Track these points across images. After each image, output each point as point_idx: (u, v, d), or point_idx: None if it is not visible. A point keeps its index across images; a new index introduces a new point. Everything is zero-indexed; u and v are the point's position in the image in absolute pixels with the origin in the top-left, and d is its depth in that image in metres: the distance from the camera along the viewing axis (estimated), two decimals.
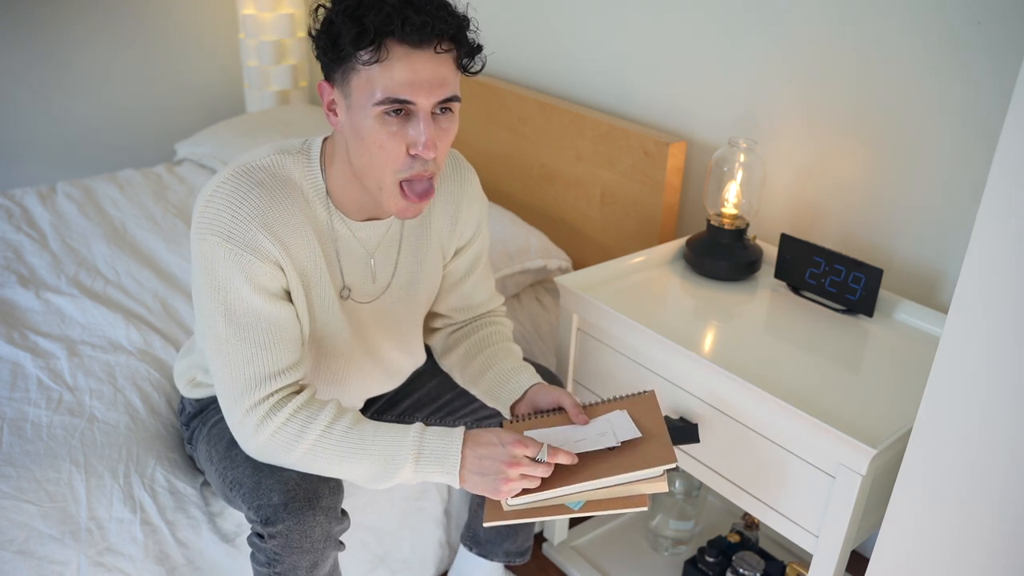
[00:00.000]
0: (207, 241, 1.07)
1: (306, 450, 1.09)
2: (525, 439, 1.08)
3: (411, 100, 1.02)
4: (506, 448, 1.07)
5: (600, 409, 1.21)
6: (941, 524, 0.98)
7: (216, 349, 1.11)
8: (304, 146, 1.16)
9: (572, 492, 1.08)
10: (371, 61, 1.00)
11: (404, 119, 1.04)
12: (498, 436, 1.09)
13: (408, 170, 1.06)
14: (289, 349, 1.12)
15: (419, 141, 1.04)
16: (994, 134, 1.34)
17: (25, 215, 2.13)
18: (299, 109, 2.74)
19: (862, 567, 1.28)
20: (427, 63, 1.01)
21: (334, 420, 1.10)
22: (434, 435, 1.10)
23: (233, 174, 1.10)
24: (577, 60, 2.08)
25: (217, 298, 1.09)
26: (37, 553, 1.24)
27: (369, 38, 0.98)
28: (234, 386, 1.10)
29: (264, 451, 1.11)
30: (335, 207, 1.16)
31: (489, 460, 1.07)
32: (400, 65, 1.00)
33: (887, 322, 1.48)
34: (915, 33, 1.43)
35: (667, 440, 1.12)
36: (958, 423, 0.92)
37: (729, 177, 1.60)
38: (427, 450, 1.09)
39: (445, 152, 1.10)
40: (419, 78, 1.01)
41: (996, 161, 0.82)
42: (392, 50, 1.00)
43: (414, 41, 0.99)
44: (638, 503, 1.08)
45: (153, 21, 2.83)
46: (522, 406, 1.27)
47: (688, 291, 1.59)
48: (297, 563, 1.14)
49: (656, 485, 1.08)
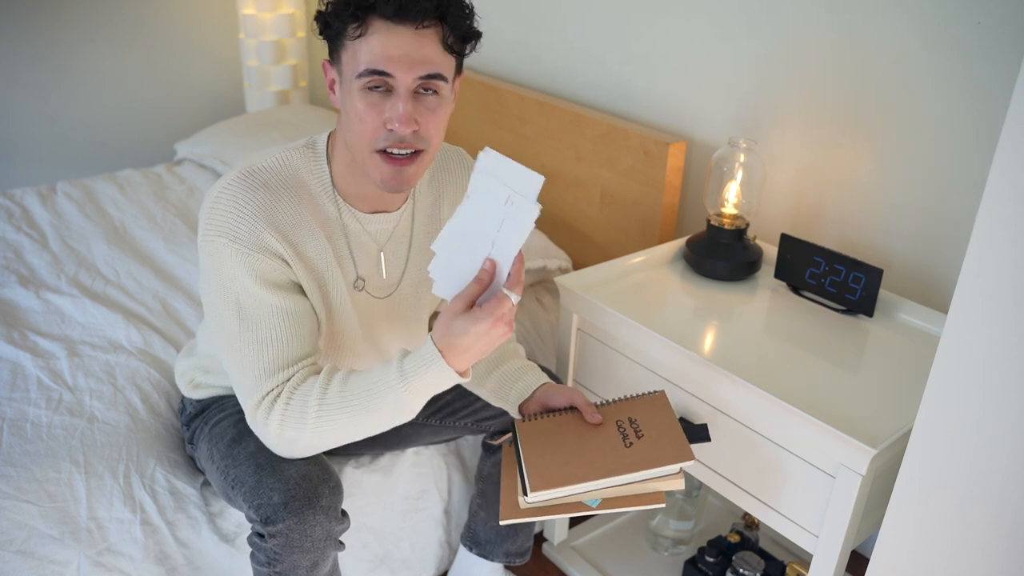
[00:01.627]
0: (214, 243, 1.08)
1: (314, 425, 1.08)
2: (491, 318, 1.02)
3: (388, 72, 1.03)
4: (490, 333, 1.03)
5: (612, 409, 1.21)
6: (941, 524, 0.98)
7: (229, 347, 1.11)
8: (309, 142, 1.18)
9: (590, 489, 1.08)
10: (355, 35, 1.03)
11: (385, 94, 1.05)
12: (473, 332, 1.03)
13: (384, 140, 1.07)
14: (301, 341, 1.12)
15: (395, 116, 1.05)
16: (994, 134, 1.34)
17: (25, 215, 2.13)
18: (299, 109, 2.74)
19: (862, 567, 1.28)
20: (408, 38, 1.02)
21: (325, 388, 1.08)
22: (413, 363, 1.06)
23: (237, 176, 1.11)
24: (577, 60, 2.08)
25: (228, 297, 1.10)
26: (37, 553, 1.24)
27: (351, 12, 1.01)
28: (246, 382, 1.11)
29: (283, 440, 1.11)
30: (343, 200, 1.17)
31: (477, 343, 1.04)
32: (379, 38, 1.02)
33: (887, 322, 1.48)
34: (915, 33, 1.43)
35: (682, 437, 1.12)
36: (958, 423, 0.92)
37: (729, 177, 1.60)
38: (415, 378, 1.06)
39: (437, 132, 1.10)
40: (398, 52, 1.02)
41: (996, 161, 0.81)
42: (373, 24, 1.02)
43: (394, 16, 1.01)
44: (655, 500, 1.09)
45: (153, 21, 2.83)
46: (531, 405, 1.27)
47: (688, 291, 1.59)
48: (297, 562, 1.14)
49: (673, 482, 1.09)
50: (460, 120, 2.36)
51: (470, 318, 1.03)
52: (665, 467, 1.08)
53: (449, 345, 1.05)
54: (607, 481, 1.07)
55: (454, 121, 2.37)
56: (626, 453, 1.11)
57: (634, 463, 1.09)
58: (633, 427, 1.16)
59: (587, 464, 1.10)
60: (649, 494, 1.09)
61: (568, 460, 1.11)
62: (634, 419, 1.18)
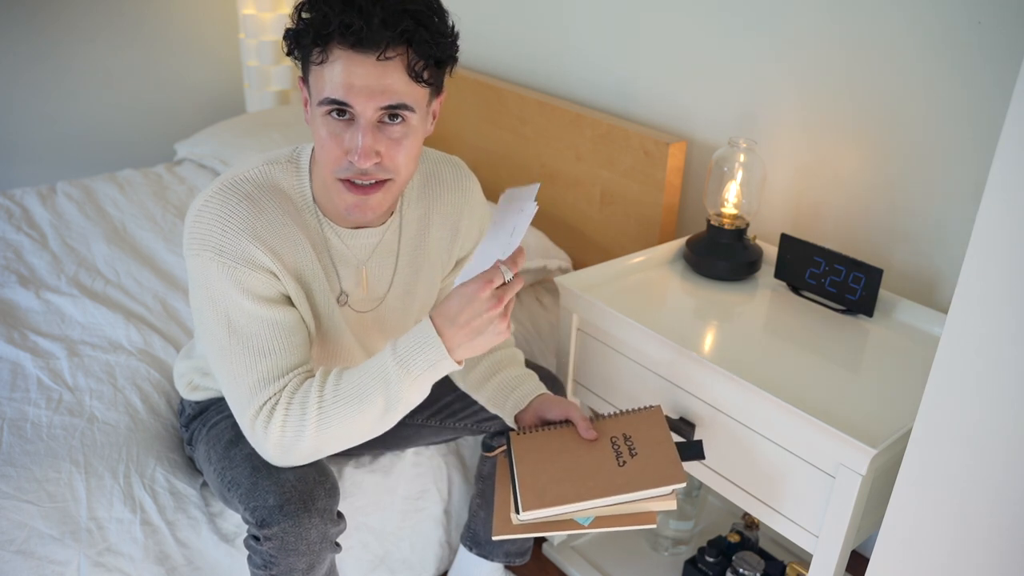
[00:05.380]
0: (200, 257, 1.07)
1: (315, 427, 1.07)
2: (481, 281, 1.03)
3: (348, 103, 1.00)
4: (477, 298, 1.02)
5: (607, 424, 1.21)
6: (941, 524, 0.98)
7: (221, 359, 1.10)
8: (293, 155, 1.16)
9: (582, 508, 1.08)
10: (318, 61, 1.00)
11: (348, 123, 1.02)
12: (459, 295, 1.03)
13: (346, 171, 1.04)
14: (291, 352, 1.11)
15: (354, 148, 1.02)
16: (994, 134, 1.34)
17: (25, 215, 2.13)
18: (299, 109, 2.74)
19: (862, 567, 1.28)
20: (368, 68, 0.98)
21: (322, 387, 1.07)
22: (407, 345, 1.05)
23: (220, 188, 1.09)
24: (577, 60, 2.08)
25: (217, 310, 1.09)
26: (37, 553, 1.24)
27: (310, 38, 0.98)
28: (240, 394, 1.10)
29: (282, 450, 1.09)
30: (323, 215, 1.15)
31: (469, 320, 1.03)
32: (340, 66, 0.99)
33: (887, 322, 1.48)
34: (915, 33, 1.43)
35: (676, 457, 1.12)
36: (958, 423, 0.92)
37: (729, 177, 1.60)
38: (410, 362, 1.04)
39: (405, 162, 1.06)
40: (359, 82, 0.98)
41: (996, 161, 0.81)
42: (334, 52, 0.99)
43: (352, 44, 0.97)
44: (646, 520, 1.09)
45: (153, 21, 2.83)
46: (527, 416, 1.26)
47: (688, 291, 1.59)
48: (293, 565, 1.13)
49: (665, 503, 1.09)
50: (460, 120, 2.36)
51: (461, 288, 1.03)
52: (657, 489, 1.08)
53: (440, 313, 1.04)
54: (599, 501, 1.08)
55: (454, 121, 2.37)
56: (619, 472, 1.11)
57: (627, 483, 1.09)
58: (627, 444, 1.16)
59: (580, 483, 1.10)
60: (641, 514, 1.09)
61: (561, 478, 1.11)
62: (628, 435, 1.17)
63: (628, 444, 1.15)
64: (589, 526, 1.10)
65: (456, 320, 1.03)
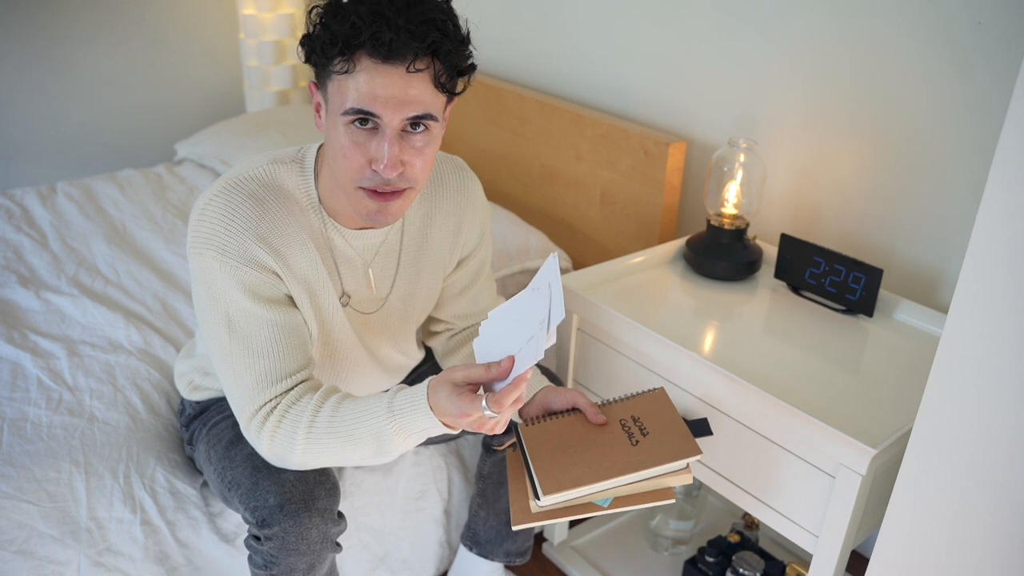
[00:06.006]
0: (203, 256, 1.07)
1: (303, 448, 1.08)
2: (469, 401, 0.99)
3: (376, 114, 0.99)
4: (463, 417, 1.00)
5: (614, 409, 1.21)
6: (941, 524, 0.98)
7: (221, 359, 1.11)
8: (298, 154, 1.15)
9: (601, 489, 1.08)
10: (342, 71, 0.99)
11: (371, 132, 1.01)
12: (450, 400, 1.00)
13: (368, 180, 1.04)
14: (293, 354, 1.11)
15: (381, 158, 1.01)
16: (994, 134, 1.34)
17: (25, 215, 2.13)
18: (299, 109, 2.74)
19: (862, 567, 1.28)
20: (396, 79, 0.98)
21: (316, 412, 1.07)
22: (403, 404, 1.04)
23: (224, 187, 1.09)
24: (577, 60, 2.08)
25: (219, 310, 1.09)
26: (37, 553, 1.24)
27: (338, 48, 0.97)
28: (240, 394, 1.10)
29: (274, 455, 1.10)
30: (328, 216, 1.15)
31: (457, 422, 1.02)
32: (366, 78, 0.98)
33: (887, 322, 1.48)
34: (915, 33, 1.43)
35: (687, 432, 1.13)
36: (958, 423, 0.92)
37: (729, 177, 1.60)
38: (404, 422, 1.04)
39: (424, 169, 1.06)
40: (386, 93, 0.98)
41: (996, 161, 0.81)
42: (361, 62, 0.97)
43: (383, 56, 0.97)
44: (665, 496, 1.09)
45: (153, 21, 2.83)
46: (532, 409, 1.26)
47: (688, 291, 1.59)
48: (294, 565, 1.13)
49: (681, 477, 1.10)
50: (460, 120, 2.36)
51: (451, 394, 1.00)
52: (674, 463, 1.08)
53: (433, 395, 1.02)
54: (618, 480, 1.08)
55: (454, 121, 2.37)
56: (634, 451, 1.11)
57: (643, 461, 1.09)
58: (637, 425, 1.16)
59: (596, 464, 1.10)
60: (659, 490, 1.10)
61: (576, 462, 1.11)
62: (637, 417, 1.18)
63: (638, 425, 1.16)
64: (608, 507, 1.10)
65: (445, 415, 1.02)
